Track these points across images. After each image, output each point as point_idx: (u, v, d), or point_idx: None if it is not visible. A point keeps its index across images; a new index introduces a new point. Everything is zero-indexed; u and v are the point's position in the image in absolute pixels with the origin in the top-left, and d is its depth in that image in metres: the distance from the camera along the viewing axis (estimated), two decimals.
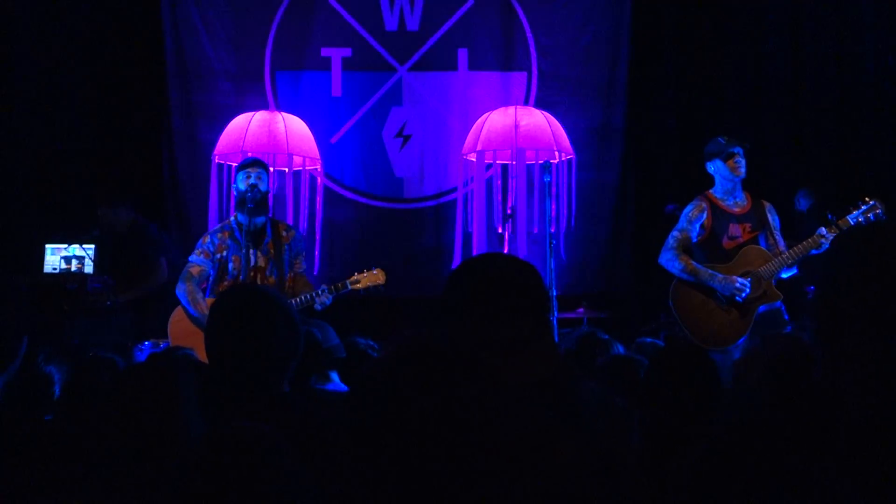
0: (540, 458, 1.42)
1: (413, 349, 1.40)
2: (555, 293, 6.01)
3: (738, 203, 5.16)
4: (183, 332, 5.04)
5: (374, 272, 5.05)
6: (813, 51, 7.39)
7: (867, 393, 1.50)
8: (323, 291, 4.92)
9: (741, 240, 5.08)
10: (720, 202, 5.16)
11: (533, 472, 1.37)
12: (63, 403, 2.74)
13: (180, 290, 5.08)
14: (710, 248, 5.12)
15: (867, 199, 4.90)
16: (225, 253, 5.09)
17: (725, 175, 5.13)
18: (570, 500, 1.48)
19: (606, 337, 3.78)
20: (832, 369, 1.63)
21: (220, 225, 5.35)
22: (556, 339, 5.51)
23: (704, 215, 5.14)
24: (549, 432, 1.62)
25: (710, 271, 5.02)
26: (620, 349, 3.80)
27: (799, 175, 6.99)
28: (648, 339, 4.70)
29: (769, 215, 5.15)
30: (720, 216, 5.12)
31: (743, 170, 5.11)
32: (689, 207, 5.23)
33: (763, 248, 5.02)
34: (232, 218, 5.22)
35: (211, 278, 5.12)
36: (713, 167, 5.19)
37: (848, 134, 7.33)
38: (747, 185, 5.25)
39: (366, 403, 1.39)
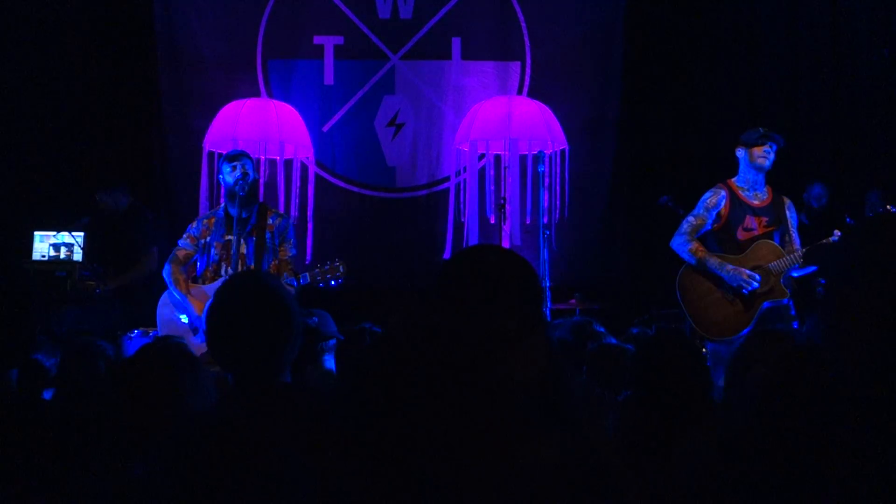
0: (527, 455, 1.39)
1: (405, 335, 1.36)
2: (548, 284, 6.00)
3: (759, 196, 5.06)
4: (170, 314, 5.08)
5: (336, 264, 4.88)
6: (809, 43, 7.38)
7: (878, 390, 1.47)
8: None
9: (756, 233, 4.98)
10: (740, 191, 5.06)
11: (519, 468, 1.34)
12: (57, 391, 2.71)
13: (165, 271, 5.12)
14: (724, 237, 5.04)
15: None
16: (208, 238, 5.10)
17: (749, 163, 5.03)
18: (557, 496, 1.45)
19: (602, 329, 3.75)
20: (842, 366, 1.60)
21: (210, 211, 5.33)
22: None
23: (722, 203, 5.05)
24: (537, 427, 1.59)
25: (719, 260, 4.95)
26: (612, 340, 3.77)
27: (796, 169, 6.95)
28: (636, 330, 4.67)
29: (787, 212, 5.06)
30: (738, 206, 5.04)
31: (768, 163, 5.01)
32: (707, 194, 5.13)
33: (776, 244, 4.93)
34: (222, 206, 5.21)
35: (198, 263, 5.12)
36: (741, 154, 5.08)
37: (845, 127, 7.32)
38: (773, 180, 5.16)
39: (359, 389, 1.36)
